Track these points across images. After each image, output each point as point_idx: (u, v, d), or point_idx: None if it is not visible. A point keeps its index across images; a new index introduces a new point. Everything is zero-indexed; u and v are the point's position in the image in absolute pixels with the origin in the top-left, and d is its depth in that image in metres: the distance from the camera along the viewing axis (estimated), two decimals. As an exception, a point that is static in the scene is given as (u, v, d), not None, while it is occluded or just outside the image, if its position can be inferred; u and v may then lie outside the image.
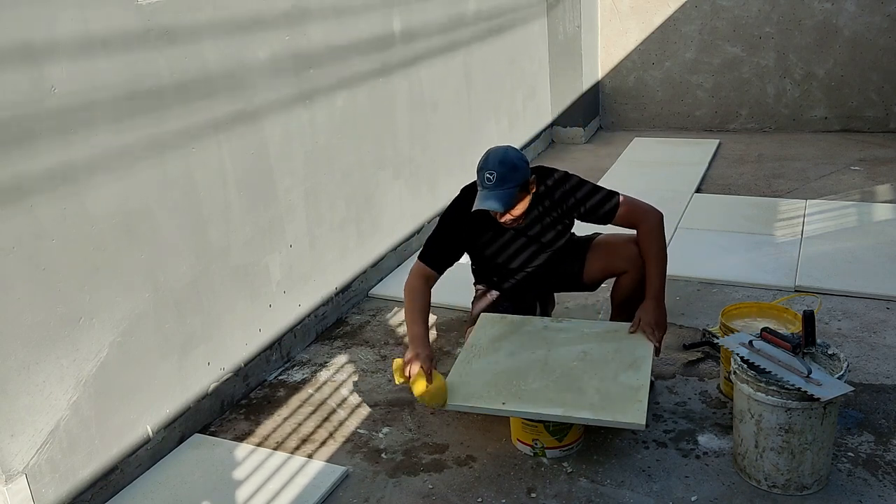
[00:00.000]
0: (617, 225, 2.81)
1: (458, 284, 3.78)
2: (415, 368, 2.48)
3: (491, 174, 2.57)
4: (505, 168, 2.58)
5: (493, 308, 3.01)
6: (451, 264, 2.84)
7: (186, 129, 2.61)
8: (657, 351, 2.67)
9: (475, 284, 3.16)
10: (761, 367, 2.27)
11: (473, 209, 2.63)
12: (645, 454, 2.51)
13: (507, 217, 2.67)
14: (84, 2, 2.21)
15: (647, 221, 2.77)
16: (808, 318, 2.33)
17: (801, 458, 2.24)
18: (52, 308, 2.19)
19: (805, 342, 2.33)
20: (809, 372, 2.20)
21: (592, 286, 3.04)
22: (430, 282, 2.78)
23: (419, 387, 2.46)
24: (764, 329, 2.41)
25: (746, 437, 2.32)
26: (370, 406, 2.89)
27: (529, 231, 2.85)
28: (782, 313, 2.81)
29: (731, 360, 2.35)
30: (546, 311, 3.18)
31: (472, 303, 3.12)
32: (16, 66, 2.04)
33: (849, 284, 3.50)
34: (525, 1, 5.56)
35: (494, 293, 3.04)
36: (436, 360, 2.85)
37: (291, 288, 3.23)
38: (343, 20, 3.41)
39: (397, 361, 2.58)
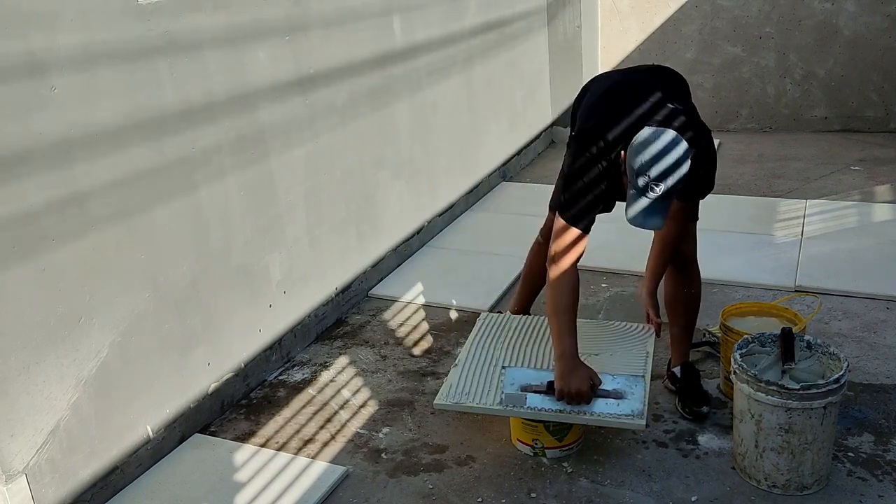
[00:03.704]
0: (680, 207, 2.48)
1: (458, 284, 3.79)
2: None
3: (657, 185, 2.17)
4: (676, 181, 2.19)
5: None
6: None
7: (186, 128, 2.61)
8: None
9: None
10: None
11: (629, 219, 2.23)
12: (645, 454, 2.51)
13: None
14: (84, 0, 2.21)
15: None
16: (786, 337, 2.34)
17: (801, 458, 2.24)
18: (52, 308, 2.19)
19: (783, 359, 2.34)
20: None
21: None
22: None
23: None
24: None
25: (746, 437, 2.32)
26: (370, 406, 2.89)
27: None
28: (782, 313, 2.81)
29: (731, 359, 2.35)
30: None
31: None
32: (16, 63, 2.04)
33: (849, 284, 3.50)
34: (525, 1, 5.56)
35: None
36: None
37: (291, 288, 3.23)
38: (344, 20, 3.41)
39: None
